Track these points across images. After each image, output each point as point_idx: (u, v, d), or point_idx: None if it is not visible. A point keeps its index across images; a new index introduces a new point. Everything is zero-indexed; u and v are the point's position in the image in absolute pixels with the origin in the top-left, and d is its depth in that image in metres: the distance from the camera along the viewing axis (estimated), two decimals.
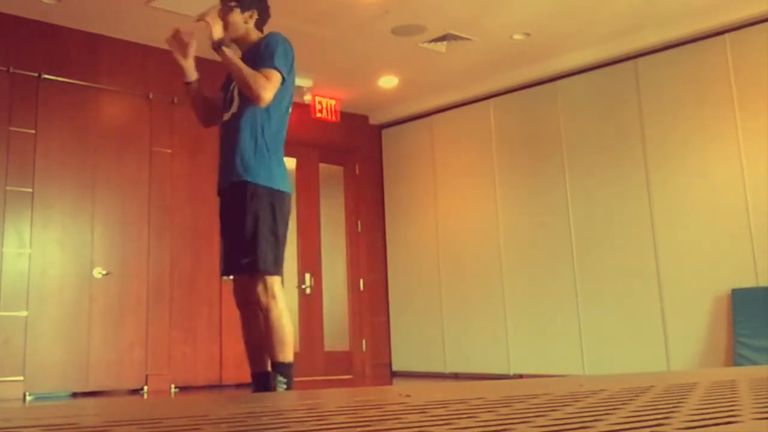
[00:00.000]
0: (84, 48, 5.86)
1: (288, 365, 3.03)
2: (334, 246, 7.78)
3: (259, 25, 3.32)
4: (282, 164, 3.19)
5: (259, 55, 3.13)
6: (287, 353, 3.03)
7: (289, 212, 3.18)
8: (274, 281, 3.04)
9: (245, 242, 3.03)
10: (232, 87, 3.25)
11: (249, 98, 3.11)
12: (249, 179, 3.07)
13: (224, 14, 3.21)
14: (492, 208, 7.08)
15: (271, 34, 3.22)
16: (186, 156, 6.28)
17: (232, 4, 3.22)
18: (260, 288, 3.03)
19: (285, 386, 3.01)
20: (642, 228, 6.03)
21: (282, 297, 3.06)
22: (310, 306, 7.41)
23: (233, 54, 3.11)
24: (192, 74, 3.26)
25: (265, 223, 3.05)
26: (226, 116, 3.25)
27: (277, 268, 3.07)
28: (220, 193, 3.23)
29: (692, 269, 5.73)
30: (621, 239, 6.15)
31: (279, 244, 3.09)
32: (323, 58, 6.54)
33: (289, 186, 3.18)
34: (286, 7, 5.53)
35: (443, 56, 6.53)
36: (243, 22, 3.24)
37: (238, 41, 3.28)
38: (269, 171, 3.10)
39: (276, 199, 3.10)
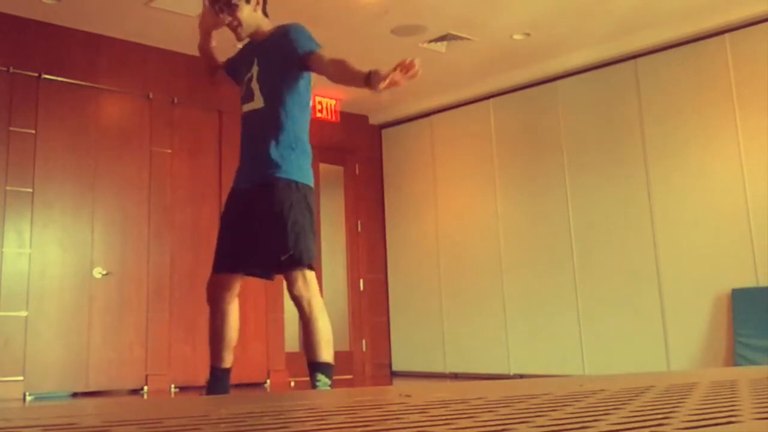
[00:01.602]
0: (84, 48, 5.86)
1: (331, 366, 2.92)
2: (334, 246, 7.77)
3: (264, 9, 3.17)
4: (311, 158, 3.12)
5: (292, 45, 3.02)
6: (331, 353, 2.92)
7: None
8: (314, 276, 2.95)
9: (286, 237, 2.89)
10: (248, 79, 3.11)
11: (279, 93, 3.01)
12: (289, 176, 2.96)
13: (232, 13, 3.04)
14: (492, 208, 7.08)
15: (294, 25, 3.11)
16: (186, 156, 6.28)
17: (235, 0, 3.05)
18: (301, 283, 2.89)
19: (329, 387, 2.91)
20: (642, 228, 6.03)
21: (317, 286, 2.95)
22: None
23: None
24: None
25: (306, 218, 2.96)
26: (247, 108, 3.11)
27: (314, 263, 2.98)
28: (243, 190, 3.07)
29: (692, 269, 5.73)
30: (621, 239, 6.16)
31: (315, 238, 3.02)
32: None
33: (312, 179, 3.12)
34: (286, 7, 5.53)
35: (443, 56, 6.53)
36: (252, 12, 3.09)
37: (252, 35, 3.14)
38: (305, 166, 3.04)
39: (311, 194, 3.03)
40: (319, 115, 7.28)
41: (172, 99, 6.19)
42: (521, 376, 6.50)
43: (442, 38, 6.19)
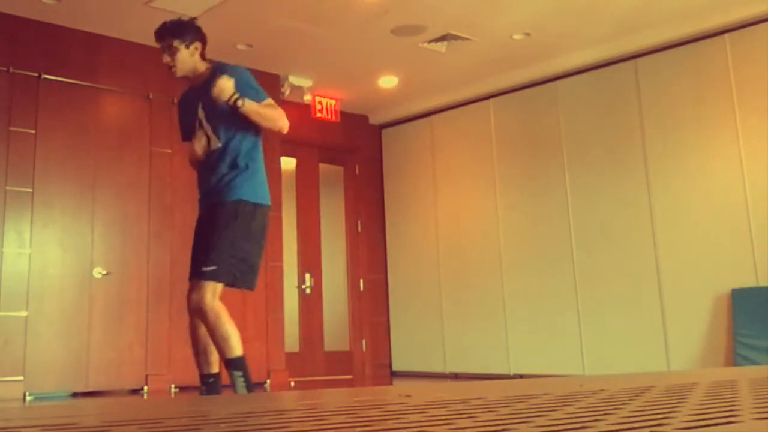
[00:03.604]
0: (84, 48, 5.86)
1: (237, 359, 3.13)
2: (334, 246, 7.77)
3: (203, 54, 3.44)
4: (265, 181, 3.40)
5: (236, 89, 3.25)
6: (233, 348, 3.13)
7: (265, 225, 3.35)
8: (208, 286, 3.16)
9: (206, 248, 3.20)
10: (197, 124, 3.36)
11: (231, 132, 3.29)
12: (235, 197, 3.25)
13: (172, 55, 3.33)
14: (492, 208, 7.08)
15: (232, 68, 3.35)
16: (186, 156, 6.26)
17: (175, 42, 3.33)
18: (195, 293, 3.17)
19: (242, 379, 3.12)
20: (642, 228, 6.03)
21: (214, 298, 3.16)
22: (310, 306, 7.41)
23: (249, 103, 3.22)
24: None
25: (229, 234, 3.22)
26: (207, 150, 3.39)
27: (216, 276, 3.18)
28: (205, 206, 3.39)
29: (692, 269, 5.73)
30: (621, 239, 6.15)
31: (235, 253, 3.23)
32: (323, 58, 6.54)
33: (269, 199, 3.39)
34: (286, 7, 5.53)
35: (443, 56, 6.53)
36: (189, 56, 3.36)
37: (188, 76, 3.40)
38: (255, 189, 3.30)
39: (257, 212, 3.29)
40: (319, 115, 7.28)
41: (172, 99, 6.17)
42: (521, 376, 6.50)
43: (442, 38, 6.18)
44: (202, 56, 3.42)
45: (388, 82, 7.18)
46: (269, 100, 3.31)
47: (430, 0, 5.50)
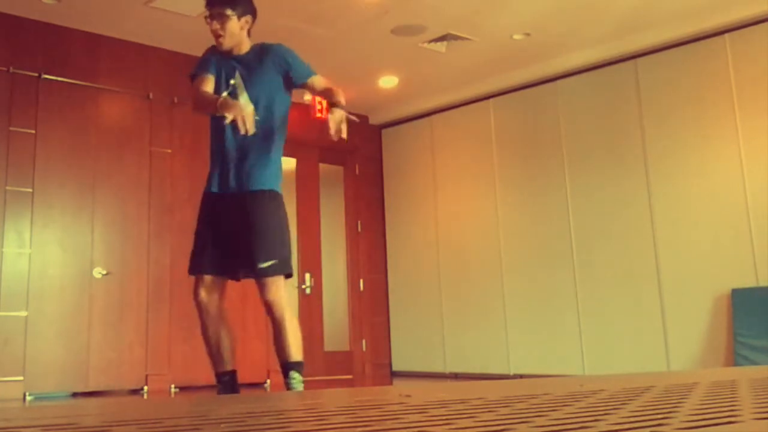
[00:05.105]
0: (84, 48, 5.86)
1: (301, 363, 3.12)
2: (334, 246, 7.77)
3: (249, 31, 3.29)
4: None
5: (282, 66, 3.22)
6: (300, 351, 3.12)
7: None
8: (279, 281, 3.13)
9: (271, 245, 3.11)
10: (233, 85, 3.18)
11: (274, 110, 3.21)
12: (274, 187, 3.19)
13: (222, 23, 3.16)
14: (492, 208, 7.08)
15: (280, 46, 3.28)
16: (186, 156, 6.27)
17: (228, 11, 3.16)
18: (275, 290, 3.10)
19: (302, 385, 3.09)
20: (642, 228, 6.03)
21: (286, 293, 3.17)
22: (310, 306, 7.41)
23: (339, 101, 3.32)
24: None
25: (286, 228, 3.21)
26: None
27: (285, 269, 3.17)
28: (223, 196, 3.21)
29: (692, 269, 5.73)
30: (621, 239, 6.15)
31: (287, 241, 3.25)
32: (323, 58, 6.53)
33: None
34: (286, 7, 5.53)
35: (443, 56, 6.53)
36: (239, 29, 3.22)
37: (231, 49, 3.23)
38: (280, 178, 3.26)
39: (283, 203, 3.25)
40: (319, 115, 7.27)
41: (172, 99, 6.18)
42: (521, 376, 6.50)
43: (442, 38, 6.18)
44: (249, 33, 3.27)
45: (388, 82, 7.18)
46: (322, 79, 3.32)
47: (430, 0, 5.50)
